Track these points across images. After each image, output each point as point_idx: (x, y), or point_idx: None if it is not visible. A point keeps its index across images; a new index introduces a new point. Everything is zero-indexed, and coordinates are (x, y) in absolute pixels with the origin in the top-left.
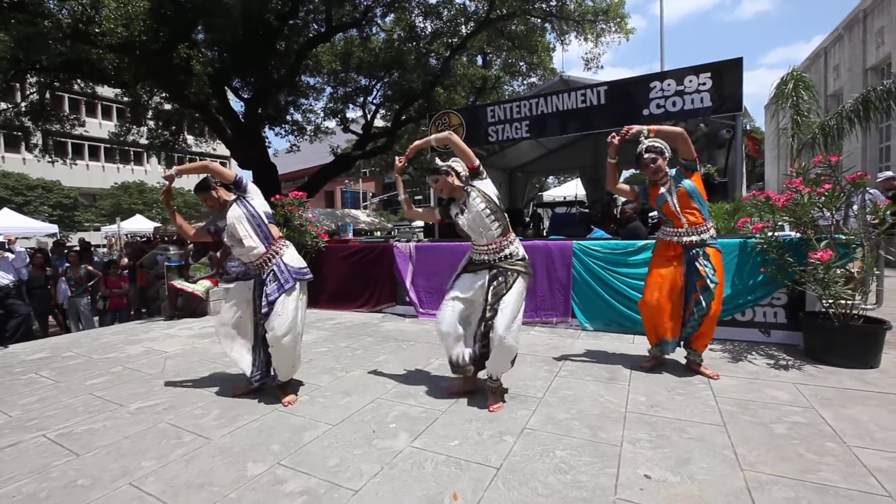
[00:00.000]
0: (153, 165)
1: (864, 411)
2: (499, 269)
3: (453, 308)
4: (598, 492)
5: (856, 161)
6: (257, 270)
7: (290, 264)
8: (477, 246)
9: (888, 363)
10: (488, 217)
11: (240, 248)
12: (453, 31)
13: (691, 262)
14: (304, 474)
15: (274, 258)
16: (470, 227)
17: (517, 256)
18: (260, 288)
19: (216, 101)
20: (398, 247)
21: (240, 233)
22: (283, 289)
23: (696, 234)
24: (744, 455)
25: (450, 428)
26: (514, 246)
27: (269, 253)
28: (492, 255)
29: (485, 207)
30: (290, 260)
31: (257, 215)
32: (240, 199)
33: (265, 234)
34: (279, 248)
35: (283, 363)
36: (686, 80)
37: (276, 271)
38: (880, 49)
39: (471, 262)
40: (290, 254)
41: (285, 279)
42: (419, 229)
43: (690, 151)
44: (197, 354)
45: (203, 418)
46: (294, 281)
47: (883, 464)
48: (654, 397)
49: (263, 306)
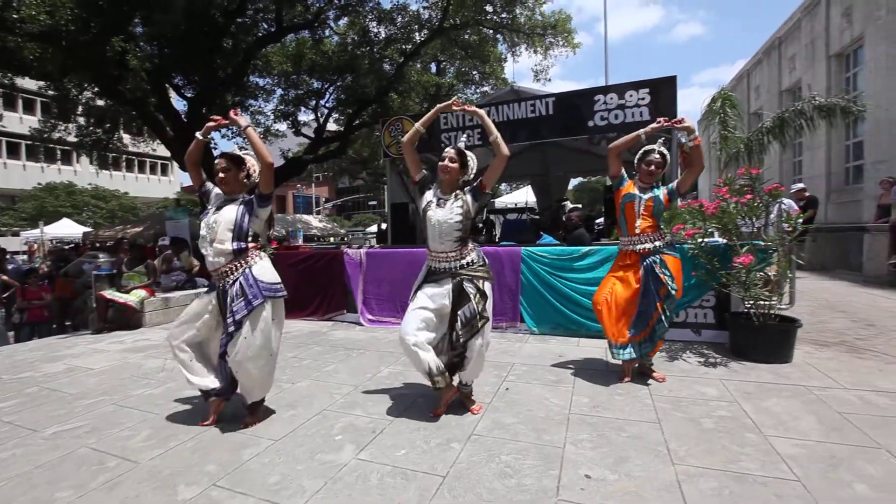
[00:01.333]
0: (84, 165)
1: (778, 403)
2: (462, 277)
3: (418, 318)
4: (541, 494)
5: (774, 173)
6: (218, 279)
7: (259, 278)
8: (434, 252)
9: (799, 358)
10: (457, 230)
11: (206, 249)
12: (407, 37)
13: (650, 270)
14: (242, 495)
15: (240, 268)
16: (436, 225)
17: (479, 263)
18: (224, 300)
19: (155, 99)
20: (348, 253)
21: (216, 235)
22: (252, 306)
23: (651, 242)
24: (675, 450)
25: (397, 438)
26: (473, 254)
27: (235, 262)
28: (452, 263)
29: (459, 221)
30: (260, 273)
31: (245, 231)
32: (247, 204)
33: (239, 248)
34: (249, 257)
35: (247, 384)
36: (627, 94)
37: (243, 285)
38: (793, 73)
39: (430, 272)
40: (262, 265)
41: (254, 294)
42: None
43: (689, 185)
44: (128, 370)
45: (131, 440)
46: (263, 298)
47: (793, 451)
48: (596, 398)
49: (229, 325)
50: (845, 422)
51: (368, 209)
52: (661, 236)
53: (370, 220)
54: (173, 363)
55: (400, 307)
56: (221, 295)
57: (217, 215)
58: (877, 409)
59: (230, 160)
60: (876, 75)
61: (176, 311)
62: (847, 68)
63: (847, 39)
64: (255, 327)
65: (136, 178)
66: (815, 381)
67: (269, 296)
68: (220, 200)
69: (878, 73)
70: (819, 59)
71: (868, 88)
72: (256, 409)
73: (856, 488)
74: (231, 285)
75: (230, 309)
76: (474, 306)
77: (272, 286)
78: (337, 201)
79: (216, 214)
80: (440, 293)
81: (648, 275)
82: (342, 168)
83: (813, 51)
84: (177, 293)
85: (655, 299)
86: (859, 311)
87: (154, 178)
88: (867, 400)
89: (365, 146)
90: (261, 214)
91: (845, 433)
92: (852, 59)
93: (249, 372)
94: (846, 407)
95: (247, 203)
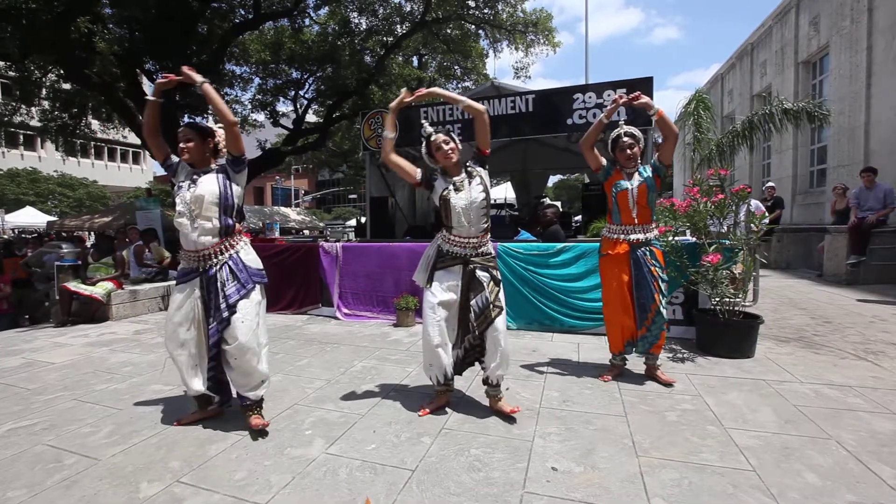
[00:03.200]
0: (48, 151)
1: (739, 396)
2: (476, 265)
3: (439, 317)
4: (508, 487)
5: (745, 174)
6: (199, 263)
7: (248, 264)
8: (456, 237)
9: (760, 353)
10: (483, 209)
11: (186, 223)
12: (389, 29)
13: (640, 262)
14: (207, 491)
15: (227, 251)
16: (464, 211)
17: (492, 255)
18: (210, 288)
19: (124, 84)
20: (324, 247)
21: (201, 210)
22: (245, 289)
23: (643, 233)
24: (640, 442)
25: (368, 432)
26: (490, 245)
27: (222, 245)
28: (469, 250)
29: (483, 199)
30: (247, 258)
31: (231, 204)
32: (225, 173)
33: (227, 225)
34: (236, 242)
35: (246, 379)
36: (605, 93)
37: (233, 268)
38: (763, 78)
39: (440, 256)
40: (248, 251)
41: (245, 279)
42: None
43: (671, 155)
44: (91, 365)
45: (91, 437)
46: (253, 284)
47: (750, 442)
48: (566, 392)
49: (223, 310)
50: (800, 414)
51: (349, 202)
52: (653, 228)
53: (350, 214)
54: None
55: (376, 301)
56: (205, 281)
57: (197, 189)
58: (829, 402)
59: (194, 131)
60: (840, 83)
61: (144, 304)
62: (814, 75)
63: (814, 47)
64: (250, 311)
65: (105, 166)
66: (774, 375)
67: (258, 282)
68: (192, 174)
69: (842, 81)
70: (788, 65)
71: (832, 95)
72: (256, 407)
73: (806, 477)
74: (218, 268)
75: (222, 293)
76: (487, 294)
77: (260, 272)
78: (317, 194)
79: (195, 188)
80: (450, 283)
81: (641, 267)
82: (322, 160)
83: (783, 57)
84: (146, 286)
85: (652, 290)
86: (818, 309)
87: (125, 167)
88: (821, 393)
89: (345, 139)
90: (239, 180)
91: (799, 425)
92: (818, 67)
93: (250, 360)
94: (801, 400)
95: (223, 171)
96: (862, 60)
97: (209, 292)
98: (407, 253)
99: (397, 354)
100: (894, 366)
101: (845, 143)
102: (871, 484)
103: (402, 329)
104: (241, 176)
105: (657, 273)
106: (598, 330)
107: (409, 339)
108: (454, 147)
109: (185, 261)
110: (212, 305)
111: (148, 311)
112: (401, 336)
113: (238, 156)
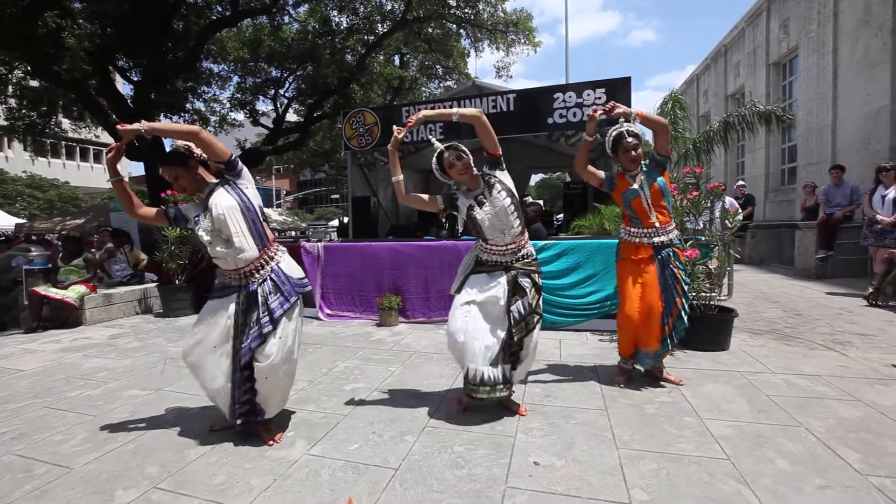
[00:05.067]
0: (16, 151)
1: (715, 388)
2: (518, 271)
3: (469, 314)
4: (491, 482)
5: (720, 173)
6: (241, 280)
7: (290, 275)
8: (493, 246)
9: (735, 345)
10: (512, 213)
11: (224, 250)
12: (369, 28)
13: (665, 264)
14: (186, 496)
15: (268, 264)
16: (492, 223)
17: (532, 256)
18: (249, 303)
19: (96, 81)
20: (305, 247)
21: (230, 229)
22: (289, 302)
23: (666, 234)
24: (620, 435)
25: (351, 432)
26: (529, 245)
27: (262, 258)
28: (509, 257)
29: (510, 203)
30: (288, 269)
31: (253, 209)
32: (230, 183)
33: (260, 233)
34: (275, 252)
35: (273, 396)
36: (584, 93)
37: (276, 281)
38: (737, 79)
39: (479, 263)
40: (288, 261)
41: (288, 292)
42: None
43: (667, 146)
44: (64, 371)
45: (63, 445)
46: (297, 295)
47: (725, 431)
48: (548, 388)
49: (265, 324)
50: (772, 403)
51: (331, 203)
52: (673, 228)
53: (333, 214)
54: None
55: (359, 301)
56: (244, 298)
57: (214, 211)
58: (799, 391)
59: (171, 164)
60: (808, 84)
61: (120, 308)
62: (784, 76)
63: (784, 49)
64: (289, 328)
65: (77, 167)
66: (748, 366)
67: (301, 292)
68: (199, 205)
69: (810, 82)
70: (760, 66)
71: (801, 96)
72: (273, 423)
73: (778, 464)
74: (259, 283)
75: (266, 307)
76: (529, 300)
77: (301, 282)
78: (298, 194)
79: (212, 212)
80: (492, 287)
81: (665, 269)
82: (303, 160)
83: (755, 59)
84: (121, 289)
85: (674, 294)
86: (789, 302)
87: (99, 167)
88: (792, 383)
89: (326, 138)
90: (244, 184)
91: (771, 414)
92: (788, 68)
93: (281, 379)
94: (773, 390)
95: (226, 182)
96: (828, 63)
97: (248, 309)
98: (389, 252)
99: (380, 354)
100: (860, 355)
101: (814, 143)
102: (838, 468)
103: (385, 329)
104: (243, 179)
105: (680, 275)
106: (580, 326)
107: (392, 339)
108: (466, 162)
109: (222, 277)
110: (250, 321)
111: (124, 314)
112: (384, 336)
113: (226, 161)
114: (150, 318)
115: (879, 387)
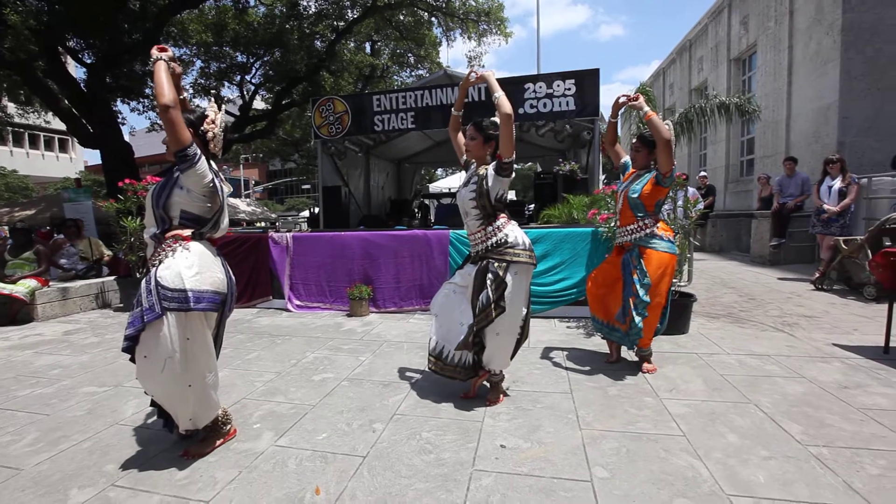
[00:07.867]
0: None
1: (674, 369)
2: (488, 259)
3: (447, 295)
4: (458, 466)
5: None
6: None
7: (163, 281)
8: (468, 233)
9: (694, 329)
10: (472, 207)
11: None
12: (339, 13)
13: (626, 265)
14: (146, 492)
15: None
16: (461, 206)
17: (507, 245)
18: None
19: (43, 63)
20: (273, 237)
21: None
22: (153, 313)
23: (628, 235)
24: (583, 416)
25: (319, 422)
26: (502, 233)
27: (158, 250)
28: (479, 246)
29: (473, 198)
30: (166, 274)
31: (163, 203)
32: (176, 172)
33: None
34: (167, 247)
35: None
36: (554, 84)
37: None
38: (700, 73)
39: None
40: (176, 265)
41: (151, 303)
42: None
43: (665, 163)
44: (13, 369)
45: (12, 446)
46: (162, 310)
47: (682, 410)
48: (516, 374)
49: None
50: (725, 382)
51: (302, 193)
52: (641, 228)
53: (304, 205)
54: None
55: (329, 291)
56: None
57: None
58: (750, 370)
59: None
60: (765, 79)
61: (76, 303)
62: (744, 71)
63: (744, 45)
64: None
65: (27, 154)
66: (705, 348)
67: (168, 308)
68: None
69: (767, 78)
70: (721, 61)
71: (759, 91)
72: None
73: (728, 438)
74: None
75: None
76: (489, 293)
77: (175, 295)
78: (268, 184)
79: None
80: (468, 273)
81: (625, 269)
82: (272, 149)
83: (717, 54)
84: (77, 283)
85: (629, 294)
86: (745, 287)
87: (51, 156)
88: (743, 362)
89: (296, 127)
90: (184, 182)
91: (724, 392)
92: (748, 64)
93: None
94: (727, 370)
95: (173, 173)
96: (784, 59)
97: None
98: (360, 242)
99: (350, 344)
100: (806, 335)
101: (770, 136)
102: (782, 440)
103: (355, 319)
104: (187, 176)
105: (636, 287)
106: (549, 313)
107: (362, 329)
108: (475, 144)
109: None
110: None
111: (80, 309)
112: (354, 326)
113: (176, 150)
114: (108, 312)
115: (821, 364)
